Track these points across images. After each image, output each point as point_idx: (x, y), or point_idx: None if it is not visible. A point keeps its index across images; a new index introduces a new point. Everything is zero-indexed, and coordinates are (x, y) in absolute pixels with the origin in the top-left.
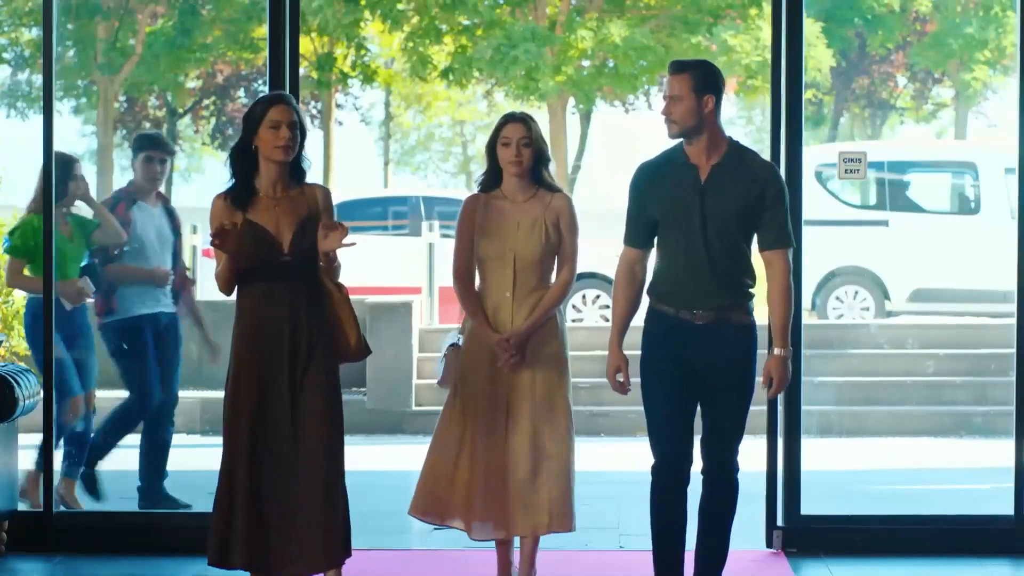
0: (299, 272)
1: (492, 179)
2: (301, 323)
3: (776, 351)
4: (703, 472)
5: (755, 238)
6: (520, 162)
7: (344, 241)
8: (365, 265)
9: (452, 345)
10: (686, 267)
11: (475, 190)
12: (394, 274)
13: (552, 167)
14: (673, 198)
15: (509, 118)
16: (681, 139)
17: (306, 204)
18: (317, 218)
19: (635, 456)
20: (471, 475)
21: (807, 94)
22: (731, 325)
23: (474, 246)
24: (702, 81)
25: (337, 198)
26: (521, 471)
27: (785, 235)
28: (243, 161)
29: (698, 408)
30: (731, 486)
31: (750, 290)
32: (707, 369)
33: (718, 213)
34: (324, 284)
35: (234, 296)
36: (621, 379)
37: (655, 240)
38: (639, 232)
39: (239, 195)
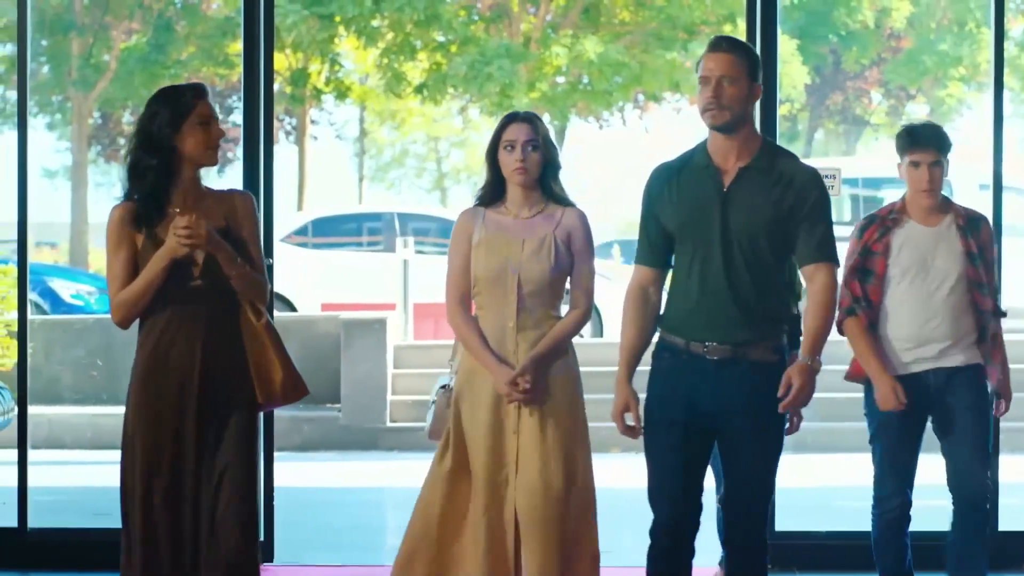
0: (213, 300)
1: (493, 191)
2: (215, 364)
3: (801, 357)
4: (725, 543)
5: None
6: (526, 169)
7: (185, 231)
8: (339, 281)
9: (442, 387)
10: (701, 290)
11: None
12: (368, 290)
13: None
14: (690, 207)
15: (512, 118)
16: (720, 132)
17: (222, 215)
18: (236, 232)
19: None
20: (467, 549)
21: (781, 110)
22: (750, 363)
23: (469, 268)
24: (755, 66)
25: (312, 214)
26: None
27: (827, 249)
28: (158, 167)
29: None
30: (758, 559)
31: (780, 325)
32: (722, 417)
33: (743, 226)
34: (243, 312)
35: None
36: (631, 422)
37: (671, 258)
38: (651, 247)
39: (149, 211)
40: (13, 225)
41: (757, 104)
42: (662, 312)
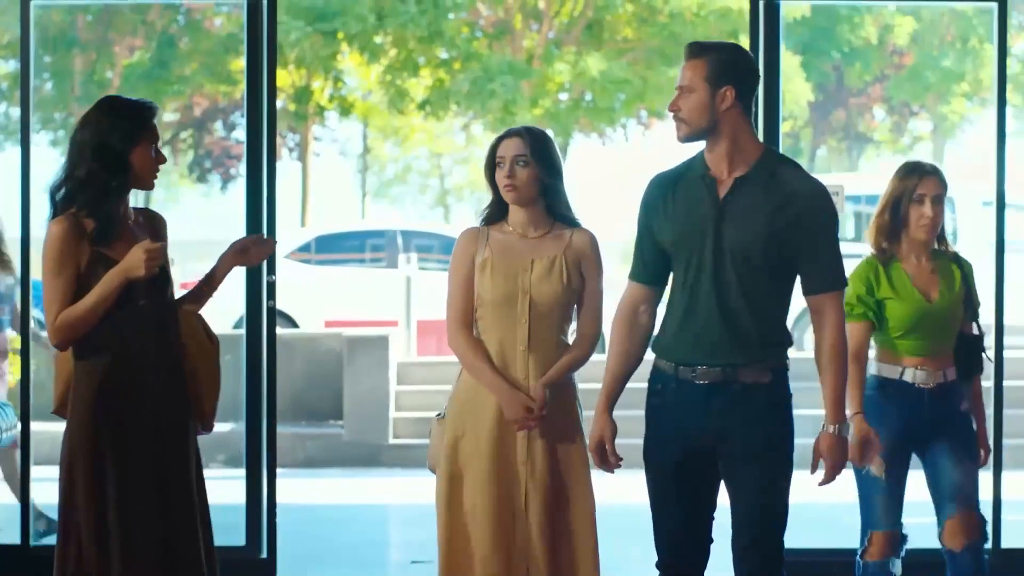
0: (161, 319)
1: (497, 210)
2: (167, 386)
3: (828, 427)
4: (737, 563)
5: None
6: (514, 186)
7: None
8: (342, 298)
9: (437, 416)
10: (689, 311)
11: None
12: (371, 307)
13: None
14: (685, 220)
15: (506, 133)
16: (695, 143)
17: (151, 233)
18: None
19: None
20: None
21: (784, 127)
22: (742, 386)
23: (473, 289)
24: (720, 69)
25: (315, 231)
26: (536, 565)
27: (837, 274)
28: (119, 186)
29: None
30: None
31: (777, 348)
32: (718, 446)
33: (738, 242)
34: (191, 330)
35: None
36: (608, 456)
37: (667, 276)
38: (644, 263)
39: (111, 230)
40: (16, 241)
41: (760, 121)
42: (655, 334)
